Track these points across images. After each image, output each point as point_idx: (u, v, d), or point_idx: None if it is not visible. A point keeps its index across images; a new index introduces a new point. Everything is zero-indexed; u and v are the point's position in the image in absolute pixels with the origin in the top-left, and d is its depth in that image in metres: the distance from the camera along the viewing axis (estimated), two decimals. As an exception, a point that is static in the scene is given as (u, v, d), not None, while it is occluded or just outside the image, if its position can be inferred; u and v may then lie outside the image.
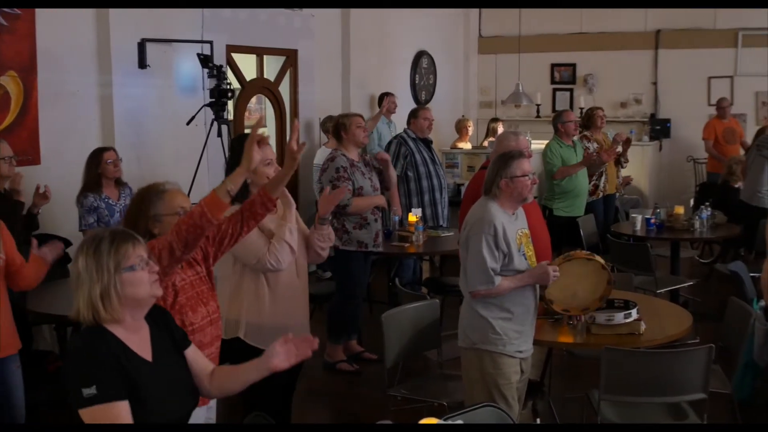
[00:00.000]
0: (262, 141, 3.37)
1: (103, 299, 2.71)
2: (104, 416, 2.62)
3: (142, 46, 7.42)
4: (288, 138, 3.77)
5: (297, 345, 2.99)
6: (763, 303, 5.61)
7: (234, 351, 4.02)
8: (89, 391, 2.61)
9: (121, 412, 2.64)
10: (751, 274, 6.36)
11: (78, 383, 2.63)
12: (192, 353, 3.03)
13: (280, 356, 2.96)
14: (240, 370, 3.07)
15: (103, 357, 2.68)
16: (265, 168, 4.23)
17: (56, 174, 6.58)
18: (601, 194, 8.96)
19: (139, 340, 2.82)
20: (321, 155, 8.97)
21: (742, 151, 10.86)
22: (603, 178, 8.97)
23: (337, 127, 6.58)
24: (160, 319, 2.96)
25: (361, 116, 6.69)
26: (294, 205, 4.37)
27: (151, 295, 2.82)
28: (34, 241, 4.68)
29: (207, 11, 8.08)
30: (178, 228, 3.22)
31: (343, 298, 6.64)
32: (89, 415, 2.62)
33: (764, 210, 8.22)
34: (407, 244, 6.96)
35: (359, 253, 6.49)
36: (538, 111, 13.12)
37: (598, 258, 4.44)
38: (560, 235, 7.74)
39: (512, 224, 4.17)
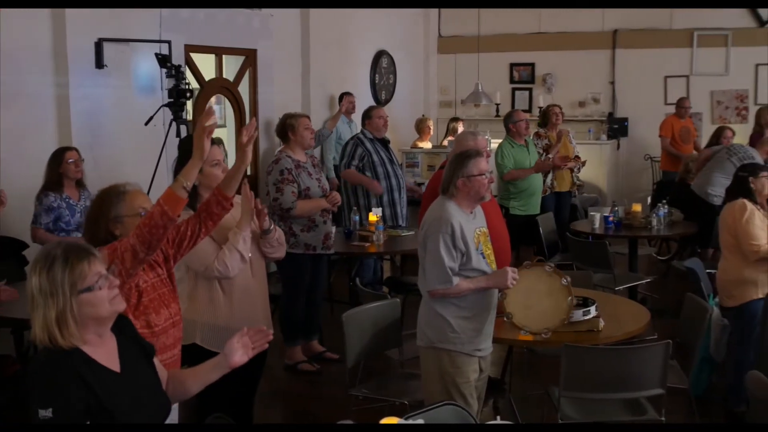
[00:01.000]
0: (210, 128, 3.34)
1: (60, 324, 2.59)
2: None
3: (99, 46, 7.35)
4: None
5: (253, 338, 2.97)
6: (718, 298, 5.71)
7: (192, 356, 3.98)
8: (45, 413, 2.54)
9: None
10: (708, 271, 6.44)
11: (35, 404, 2.56)
12: (157, 361, 3.01)
13: (238, 352, 2.95)
14: (199, 371, 3.05)
15: (62, 379, 2.58)
16: (213, 169, 4.21)
17: (13, 175, 6.50)
18: (549, 191, 9.05)
19: (105, 353, 2.75)
20: (276, 156, 8.96)
21: (695, 152, 11.00)
22: (550, 175, 9.07)
23: (284, 128, 6.46)
24: (126, 329, 2.90)
25: (308, 117, 6.63)
26: (252, 213, 4.33)
27: (113, 311, 2.72)
28: None
29: (165, 11, 8.01)
30: (139, 230, 3.21)
31: (290, 300, 6.58)
32: None
33: (720, 207, 8.32)
34: (368, 244, 6.95)
35: (306, 255, 6.44)
36: (497, 110, 13.17)
37: (559, 271, 4.42)
38: (518, 234, 7.79)
39: (470, 223, 4.18)
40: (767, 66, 12.13)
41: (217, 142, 4.41)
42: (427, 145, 11.48)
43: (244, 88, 9.60)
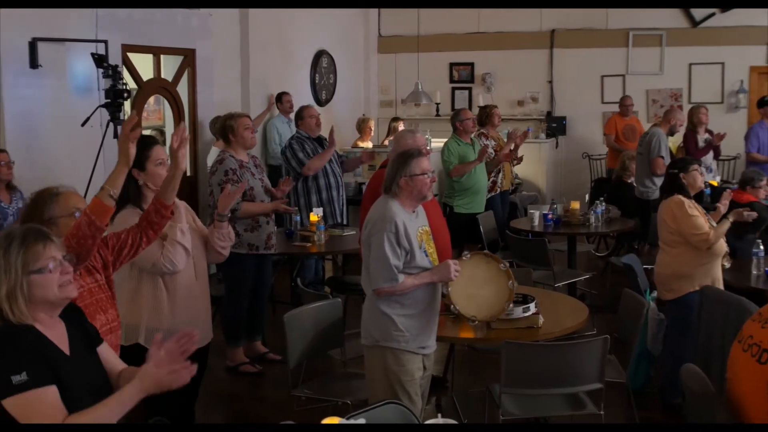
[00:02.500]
0: (134, 133, 3.31)
1: (10, 300, 2.66)
2: (37, 402, 2.57)
3: (33, 45, 7.23)
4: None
5: (178, 342, 2.92)
6: (655, 294, 5.82)
7: (135, 357, 3.94)
8: (19, 378, 2.56)
9: (54, 397, 2.61)
10: (644, 266, 6.56)
11: (6, 372, 2.56)
12: (104, 351, 2.99)
13: (158, 369, 2.87)
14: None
15: (29, 345, 2.64)
16: (157, 168, 4.18)
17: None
18: (498, 190, 9.15)
19: (56, 334, 2.78)
20: (213, 156, 8.88)
21: (632, 151, 11.20)
22: (500, 174, 9.18)
23: (224, 129, 6.39)
24: (73, 315, 2.92)
25: (248, 117, 6.59)
26: (182, 206, 4.31)
27: (62, 297, 2.77)
28: None
29: (101, 10, 7.90)
30: (68, 241, 3.17)
31: (232, 300, 6.55)
32: (20, 402, 2.56)
33: (655, 202, 8.50)
34: (309, 244, 6.94)
35: (250, 255, 6.42)
36: (437, 110, 13.25)
37: (496, 257, 4.52)
38: (461, 232, 7.86)
39: (413, 222, 4.20)
40: (700, 65, 12.39)
41: (155, 141, 4.36)
42: (368, 144, 11.49)
43: (182, 89, 9.51)
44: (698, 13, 12.33)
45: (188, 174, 9.49)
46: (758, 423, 3.42)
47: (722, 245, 5.53)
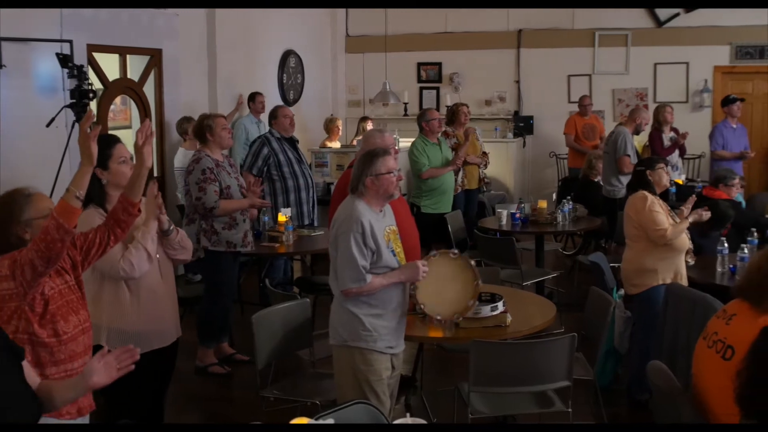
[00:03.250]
0: (94, 131, 3.28)
1: None
2: None
3: (-4, 45, 7.16)
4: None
5: (118, 358, 2.89)
6: (622, 292, 5.87)
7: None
8: None
9: None
10: (611, 265, 6.61)
11: None
12: (26, 367, 2.93)
13: (100, 373, 2.84)
14: (58, 388, 2.96)
15: None
16: (120, 166, 4.15)
17: None
18: (460, 188, 9.17)
19: None
20: (180, 157, 8.85)
21: (599, 150, 11.28)
22: (461, 173, 9.21)
23: (202, 129, 6.44)
24: None
25: (224, 117, 6.63)
26: (158, 214, 4.28)
27: None
28: None
29: (66, 10, 7.83)
30: (36, 245, 3.14)
31: (212, 300, 6.55)
32: None
33: (621, 200, 8.58)
34: (277, 244, 6.93)
35: (228, 253, 6.42)
36: (405, 109, 13.27)
37: (463, 255, 4.54)
38: (429, 232, 7.87)
39: (380, 221, 4.20)
40: (665, 65, 12.51)
41: (117, 139, 4.33)
42: (336, 144, 11.48)
43: (149, 89, 9.46)
44: (663, 13, 12.45)
45: (155, 174, 9.44)
46: (723, 418, 3.46)
47: (684, 241, 5.60)
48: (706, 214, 5.79)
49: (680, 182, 9.42)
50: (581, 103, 11.65)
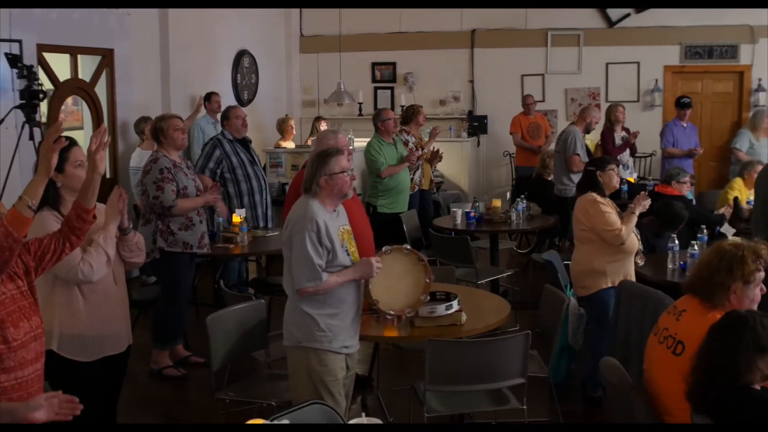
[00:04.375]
0: (58, 143, 3.24)
1: None
2: None
3: (-57, 45, 7.04)
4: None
5: (62, 404, 2.89)
6: (574, 289, 5.92)
7: (48, 364, 3.85)
8: None
9: None
10: (565, 263, 6.66)
11: None
12: None
13: (42, 410, 2.85)
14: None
15: None
16: (76, 170, 4.10)
17: None
18: (416, 188, 9.20)
19: None
20: (138, 157, 8.76)
21: (553, 146, 11.39)
22: (419, 173, 9.24)
23: (155, 131, 6.42)
24: None
25: (179, 118, 6.57)
26: (119, 218, 4.24)
27: None
28: None
29: (15, 9, 7.72)
30: None
31: (167, 301, 6.49)
32: None
33: (573, 199, 8.67)
34: (232, 245, 6.89)
35: (185, 254, 6.38)
36: (360, 109, 13.27)
37: (414, 251, 4.56)
38: (384, 232, 7.87)
39: (334, 221, 4.20)
40: (617, 65, 12.65)
41: (74, 142, 4.27)
42: (290, 144, 11.45)
43: (101, 89, 9.36)
44: (614, 13, 12.59)
45: (108, 176, 9.34)
46: (674, 413, 3.52)
47: (634, 242, 5.64)
48: (646, 202, 5.81)
49: (632, 180, 9.54)
50: (525, 102, 11.73)
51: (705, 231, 6.38)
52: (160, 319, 6.54)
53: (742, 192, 8.04)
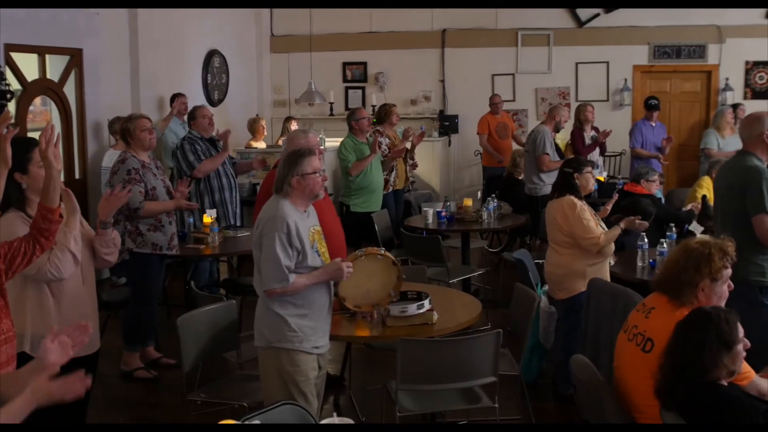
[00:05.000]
0: (9, 133, 3.21)
1: None
2: None
3: None
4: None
5: (70, 335, 2.84)
6: (546, 288, 5.95)
7: (20, 366, 3.82)
8: None
9: None
10: (535, 261, 6.69)
11: None
12: None
13: (55, 352, 2.80)
14: (17, 376, 2.89)
15: None
16: (40, 170, 4.06)
17: None
18: (391, 188, 9.21)
19: None
20: (109, 158, 8.68)
21: (515, 145, 11.46)
22: (393, 173, 9.25)
23: (123, 132, 6.41)
24: None
25: (147, 118, 6.52)
26: (78, 211, 4.21)
27: None
28: None
29: (-19, 8, 7.65)
30: None
31: (137, 303, 6.46)
32: None
33: (543, 198, 8.72)
34: (203, 246, 6.86)
35: (154, 256, 6.35)
36: (331, 109, 13.26)
37: (389, 255, 4.58)
38: (357, 231, 7.88)
39: (304, 221, 4.20)
40: (586, 64, 12.74)
41: (37, 143, 4.23)
42: (261, 144, 11.43)
43: (70, 89, 9.28)
44: (584, 13, 12.67)
45: (77, 177, 9.28)
46: (644, 409, 3.55)
47: (612, 245, 5.68)
48: (643, 224, 5.87)
49: (602, 179, 9.60)
50: (492, 102, 11.75)
51: (674, 229, 6.44)
52: (131, 321, 6.50)
53: (710, 190, 8.08)
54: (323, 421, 3.21)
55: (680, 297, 3.66)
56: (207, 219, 7.04)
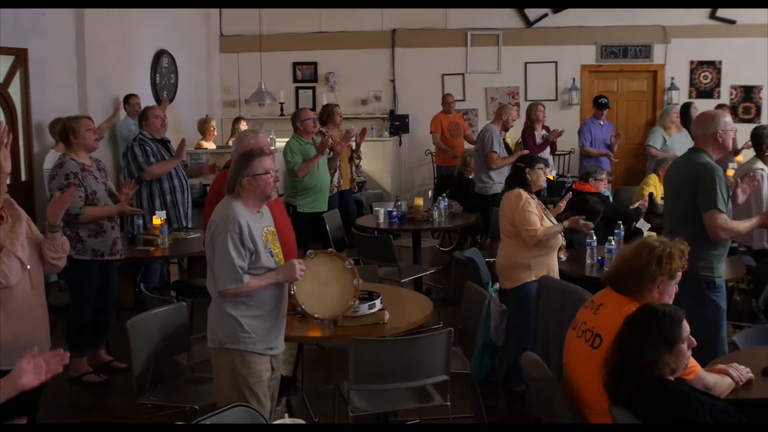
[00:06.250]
0: (8, 144, 3.17)
1: None
2: None
3: None
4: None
5: (47, 360, 2.82)
6: (497, 286, 6.00)
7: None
8: None
9: None
10: (486, 260, 6.75)
11: None
12: None
13: (29, 374, 2.77)
14: None
15: None
16: None
17: None
18: (336, 189, 9.18)
19: None
20: (51, 160, 8.56)
21: (466, 144, 11.53)
22: (337, 174, 9.23)
23: (65, 132, 6.19)
24: None
25: (89, 118, 6.39)
26: (24, 217, 4.15)
27: None
28: None
29: None
30: None
31: (78, 308, 6.34)
32: None
33: (494, 197, 8.80)
34: (153, 248, 6.80)
35: (95, 262, 6.24)
36: (282, 109, 13.22)
37: (339, 254, 4.58)
38: (306, 231, 7.86)
39: (257, 222, 4.18)
40: (535, 64, 12.85)
41: None
42: (211, 145, 11.35)
43: (15, 90, 9.14)
44: (532, 13, 12.79)
45: (23, 179, 9.14)
46: (593, 405, 3.59)
47: (558, 239, 5.77)
48: (587, 224, 5.95)
49: (551, 178, 9.70)
50: (445, 101, 11.81)
51: (622, 227, 6.53)
52: (72, 327, 6.38)
53: (657, 188, 8.23)
54: (275, 422, 3.21)
55: (636, 292, 3.71)
56: (156, 221, 6.97)
